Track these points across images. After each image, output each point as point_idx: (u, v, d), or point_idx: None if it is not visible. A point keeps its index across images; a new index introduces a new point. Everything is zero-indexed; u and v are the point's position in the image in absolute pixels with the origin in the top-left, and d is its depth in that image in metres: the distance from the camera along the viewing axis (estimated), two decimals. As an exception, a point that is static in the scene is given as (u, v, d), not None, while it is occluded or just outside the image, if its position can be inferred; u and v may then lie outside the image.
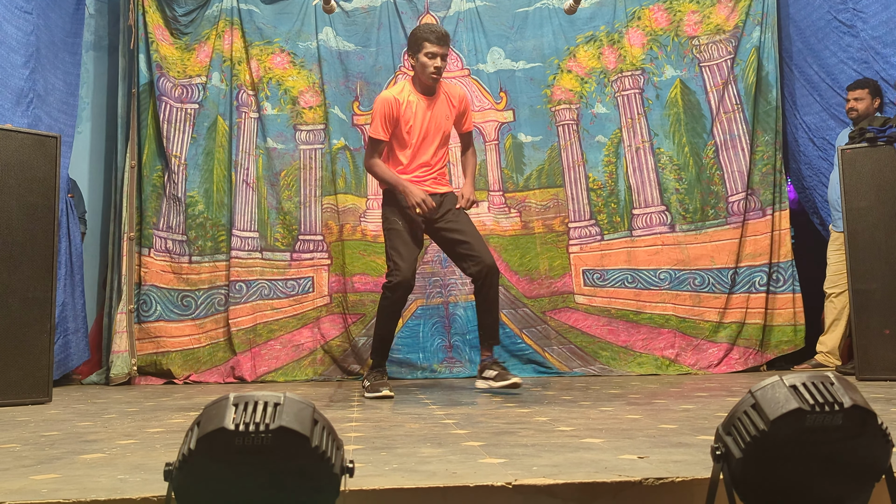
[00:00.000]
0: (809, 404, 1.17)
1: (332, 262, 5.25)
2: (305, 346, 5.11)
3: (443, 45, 3.60)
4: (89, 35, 5.58)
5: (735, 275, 5.13)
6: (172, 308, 5.07)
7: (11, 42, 4.25)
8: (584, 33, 5.45)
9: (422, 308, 5.18)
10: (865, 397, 1.23)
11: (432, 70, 3.60)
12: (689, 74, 5.36)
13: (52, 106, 4.75)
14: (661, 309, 5.15)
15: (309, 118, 5.37)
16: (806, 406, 1.16)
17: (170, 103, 5.20)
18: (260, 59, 5.35)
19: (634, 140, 5.34)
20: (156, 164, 5.18)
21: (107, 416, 2.96)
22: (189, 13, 5.32)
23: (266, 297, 5.16)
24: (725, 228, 5.21)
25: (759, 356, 5.04)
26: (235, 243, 5.16)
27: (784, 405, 1.17)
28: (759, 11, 5.30)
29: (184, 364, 4.98)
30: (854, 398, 1.19)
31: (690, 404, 2.95)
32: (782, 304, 5.10)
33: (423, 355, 5.09)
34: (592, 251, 5.27)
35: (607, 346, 5.09)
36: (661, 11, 5.43)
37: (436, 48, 3.58)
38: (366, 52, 5.45)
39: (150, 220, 5.12)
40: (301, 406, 1.18)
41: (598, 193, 5.32)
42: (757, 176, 5.23)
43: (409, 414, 2.81)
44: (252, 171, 5.28)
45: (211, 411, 1.18)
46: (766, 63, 5.28)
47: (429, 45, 3.58)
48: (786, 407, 1.17)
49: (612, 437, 2.06)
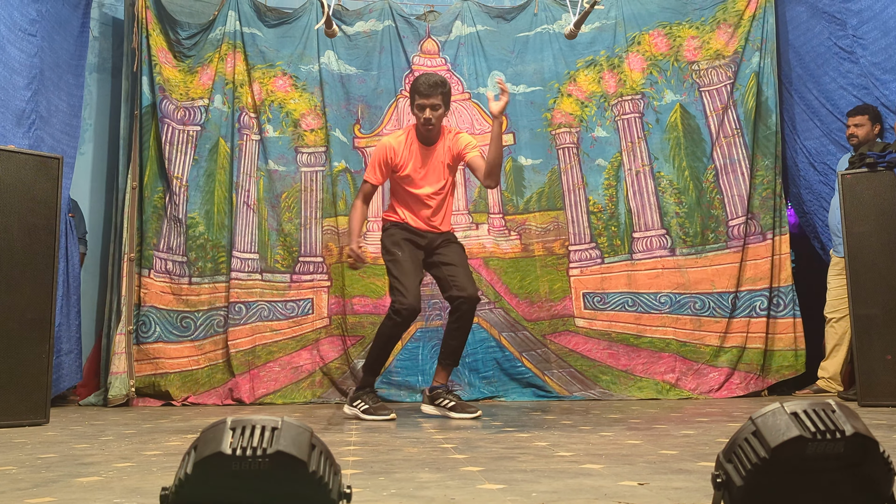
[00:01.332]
0: (811, 432, 1.16)
1: (332, 283, 5.25)
2: (304, 368, 5.09)
3: (431, 96, 3.63)
4: (93, 58, 5.63)
5: (735, 299, 5.13)
6: (171, 329, 5.05)
7: (14, 64, 4.28)
8: (585, 58, 5.49)
9: (421, 331, 5.17)
10: (867, 424, 1.22)
11: (422, 121, 3.67)
12: (688, 99, 5.39)
13: (55, 127, 4.77)
14: (662, 333, 5.14)
15: (310, 140, 5.39)
16: (807, 434, 1.15)
17: (172, 125, 5.22)
18: (262, 81, 5.38)
19: (634, 164, 5.36)
20: (157, 185, 5.19)
21: (104, 438, 2.94)
22: (192, 36, 5.35)
23: (265, 318, 5.15)
24: (726, 252, 5.21)
25: (761, 381, 5.02)
26: (235, 265, 5.15)
27: (785, 433, 1.16)
28: (758, 37, 5.34)
29: (182, 386, 4.95)
30: (856, 426, 1.18)
31: (691, 430, 2.93)
32: (783, 329, 5.09)
33: (422, 378, 5.06)
34: (593, 274, 5.27)
35: (607, 370, 5.07)
36: (660, 37, 5.47)
37: (423, 100, 3.63)
38: (367, 75, 5.48)
39: (150, 241, 5.12)
40: (299, 430, 1.18)
41: (598, 216, 5.33)
42: (757, 200, 5.24)
43: (407, 438, 2.80)
44: (253, 192, 5.29)
45: (208, 435, 1.17)
46: (766, 88, 5.32)
47: (418, 98, 3.65)
48: (787, 434, 1.16)
49: (612, 463, 2.05)
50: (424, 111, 3.63)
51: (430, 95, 3.62)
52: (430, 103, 3.63)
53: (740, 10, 5.38)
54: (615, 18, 5.50)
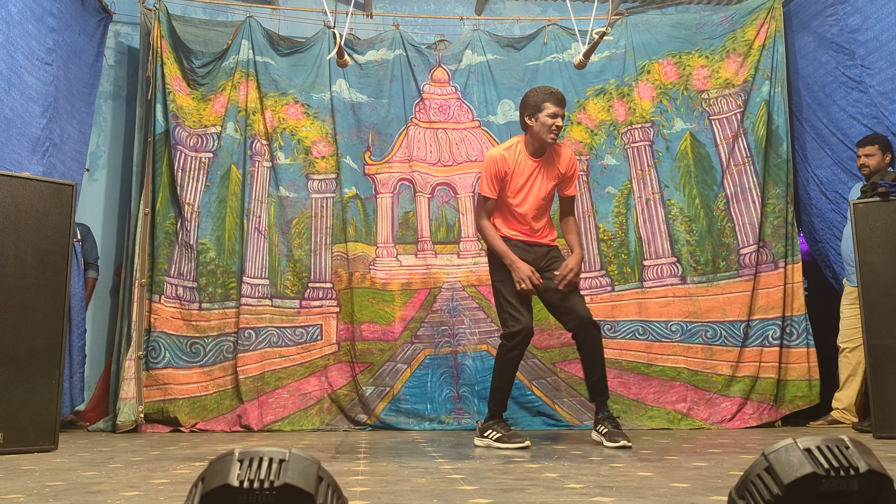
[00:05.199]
0: (824, 469, 1.14)
1: (341, 309, 5.25)
2: (313, 394, 5.08)
3: (561, 106, 3.70)
4: (108, 85, 5.71)
5: (748, 328, 5.09)
6: (181, 355, 5.06)
7: (31, 92, 4.35)
8: (594, 86, 5.52)
9: (430, 358, 5.15)
10: (882, 458, 1.21)
11: (553, 129, 3.68)
12: (699, 127, 5.41)
13: (67, 154, 4.83)
14: (673, 362, 5.10)
15: (321, 167, 5.42)
16: (821, 470, 1.14)
17: (184, 152, 5.27)
18: (274, 109, 5.43)
19: (644, 191, 5.36)
20: (169, 211, 5.22)
21: (112, 465, 2.93)
22: (206, 65, 5.42)
23: (275, 344, 5.14)
24: (737, 281, 5.18)
25: (774, 411, 4.96)
26: (246, 290, 5.16)
27: (798, 469, 1.15)
28: (768, 66, 5.36)
29: (191, 412, 4.94)
30: (870, 462, 1.17)
31: (703, 461, 2.89)
32: (796, 359, 5.04)
33: (430, 406, 5.04)
34: (603, 302, 5.25)
35: (618, 399, 5.03)
36: (670, 66, 5.50)
37: (556, 108, 3.67)
38: (378, 103, 5.53)
39: (161, 266, 5.13)
40: (306, 462, 1.17)
41: (608, 244, 5.33)
42: (768, 228, 5.23)
43: (415, 468, 2.77)
44: (264, 218, 5.31)
45: (215, 467, 1.17)
46: (777, 117, 5.32)
47: (550, 106, 3.67)
48: (800, 471, 1.14)
49: (622, 496, 2.02)
50: (557, 119, 3.67)
51: (562, 106, 3.69)
52: (562, 113, 3.69)
53: (749, 40, 5.41)
54: (624, 48, 5.54)
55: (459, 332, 5.19)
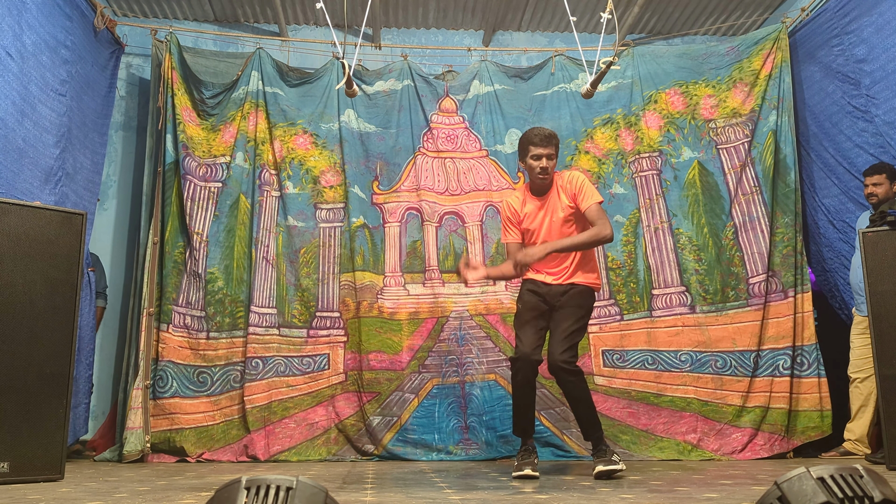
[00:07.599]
0: (838, 498, 1.13)
1: (349, 339, 5.23)
2: (320, 424, 5.05)
3: (547, 146, 3.73)
4: (119, 116, 5.78)
5: (758, 358, 5.05)
6: (188, 384, 5.04)
7: (45, 123, 4.40)
8: (602, 116, 5.55)
9: (437, 387, 5.12)
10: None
11: (538, 171, 3.75)
12: (706, 156, 5.42)
13: (79, 184, 4.88)
14: (683, 392, 5.06)
15: (329, 197, 5.45)
16: (835, 500, 1.12)
17: (194, 182, 5.31)
18: (283, 139, 5.47)
19: (653, 220, 5.36)
20: (178, 240, 5.25)
21: (118, 495, 2.91)
22: (216, 96, 5.48)
23: (282, 373, 5.12)
24: (747, 310, 5.15)
25: (785, 442, 4.90)
26: (253, 319, 5.16)
27: (812, 498, 1.13)
28: (775, 96, 5.39)
29: (197, 441, 4.91)
30: (884, 492, 1.15)
31: (714, 493, 2.85)
32: (808, 389, 4.99)
33: (438, 436, 5.00)
34: (612, 331, 5.23)
35: (627, 430, 4.98)
36: (677, 95, 5.53)
37: (539, 149, 3.72)
38: (386, 133, 5.56)
39: (169, 295, 5.14)
40: (314, 490, 1.16)
41: (617, 273, 5.32)
42: (778, 258, 5.21)
43: (423, 498, 2.74)
44: (272, 248, 5.33)
45: (223, 495, 1.16)
46: (784, 146, 5.34)
47: (533, 148, 3.73)
48: (814, 500, 1.13)
49: (633, 527, 1.99)
50: (541, 160, 3.72)
51: (546, 146, 3.73)
52: (546, 153, 3.73)
53: (756, 70, 5.45)
54: (631, 77, 5.58)
55: (467, 361, 5.17)
